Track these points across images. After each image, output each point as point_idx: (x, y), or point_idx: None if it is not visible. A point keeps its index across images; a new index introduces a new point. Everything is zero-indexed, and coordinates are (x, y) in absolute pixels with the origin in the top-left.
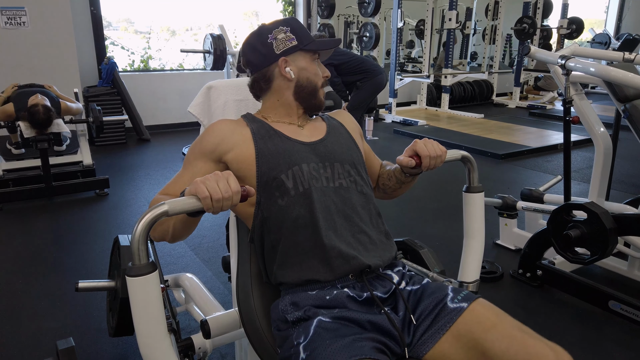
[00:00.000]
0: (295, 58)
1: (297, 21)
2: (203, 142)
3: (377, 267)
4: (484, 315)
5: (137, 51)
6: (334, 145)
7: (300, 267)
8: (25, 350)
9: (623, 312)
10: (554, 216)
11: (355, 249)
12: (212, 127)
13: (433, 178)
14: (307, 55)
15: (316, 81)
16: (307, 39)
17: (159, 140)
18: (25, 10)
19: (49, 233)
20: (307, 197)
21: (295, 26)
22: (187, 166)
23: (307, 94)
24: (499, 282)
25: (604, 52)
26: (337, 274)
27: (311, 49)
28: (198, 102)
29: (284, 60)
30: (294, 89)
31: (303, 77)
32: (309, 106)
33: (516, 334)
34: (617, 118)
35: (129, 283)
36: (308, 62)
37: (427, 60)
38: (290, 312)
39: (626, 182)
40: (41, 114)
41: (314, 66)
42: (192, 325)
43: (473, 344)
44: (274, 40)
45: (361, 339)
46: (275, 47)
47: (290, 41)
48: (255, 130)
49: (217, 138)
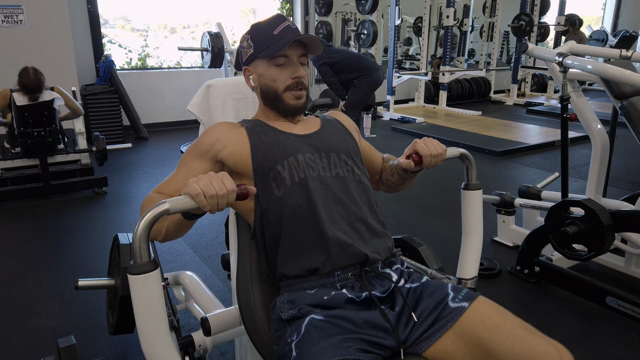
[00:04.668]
0: (256, 65)
1: (263, 25)
2: (199, 143)
3: (375, 259)
4: (486, 315)
5: (135, 49)
6: (329, 136)
7: (300, 257)
8: (26, 348)
9: (620, 308)
10: (551, 213)
11: (352, 237)
12: (209, 129)
13: (431, 175)
14: (264, 61)
15: (275, 86)
16: (265, 43)
17: (157, 139)
18: (22, 8)
19: (48, 232)
20: (303, 187)
21: (255, 33)
22: (182, 166)
23: (272, 99)
24: (497, 278)
25: (601, 50)
26: (335, 262)
27: (264, 55)
28: (197, 101)
29: (246, 70)
30: (262, 97)
31: (263, 84)
32: (279, 110)
33: (520, 333)
34: (614, 115)
35: (131, 281)
36: (265, 68)
37: (424, 57)
38: (286, 311)
39: (623, 179)
40: (31, 74)
41: (272, 71)
42: (191, 323)
43: (476, 343)
44: (242, 50)
45: (349, 339)
46: (242, 57)
47: (249, 49)
48: (250, 128)
49: (212, 138)
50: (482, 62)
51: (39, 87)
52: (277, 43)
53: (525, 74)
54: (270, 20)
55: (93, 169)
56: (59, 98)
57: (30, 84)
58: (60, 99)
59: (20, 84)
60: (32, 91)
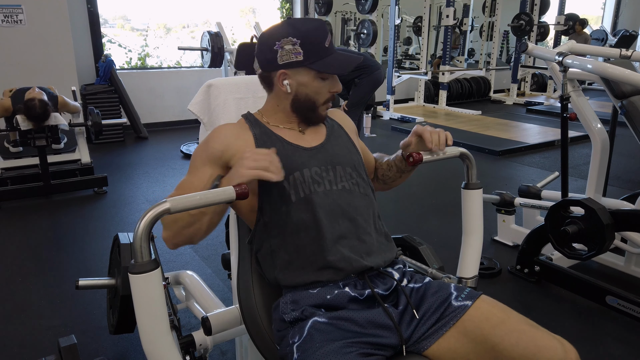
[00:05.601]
0: (297, 72)
1: (314, 33)
2: (209, 148)
3: (379, 266)
4: (490, 312)
5: (135, 49)
6: (335, 148)
7: (303, 272)
8: (27, 348)
9: (620, 307)
10: (551, 212)
11: (358, 251)
12: (217, 132)
13: (432, 175)
14: (311, 72)
15: (316, 98)
16: (317, 55)
17: (157, 138)
18: (22, 8)
19: (48, 231)
20: (308, 203)
21: (306, 40)
22: (195, 172)
23: (305, 109)
24: (497, 278)
25: (601, 49)
26: (339, 275)
27: (316, 68)
28: (198, 100)
29: (283, 73)
30: (292, 101)
31: (302, 93)
32: (306, 119)
33: (525, 328)
34: (614, 114)
35: (132, 280)
36: (311, 79)
37: (424, 57)
38: (289, 312)
39: (623, 178)
40: (37, 107)
41: (317, 83)
42: (192, 323)
43: (481, 339)
44: (280, 49)
45: (351, 343)
46: (279, 56)
47: (296, 55)
48: (257, 136)
49: (222, 145)
50: (482, 62)
51: (44, 118)
52: (331, 59)
53: (525, 73)
54: (315, 26)
55: (93, 168)
56: (64, 125)
57: (36, 115)
58: (64, 124)
59: (27, 114)
60: (37, 121)
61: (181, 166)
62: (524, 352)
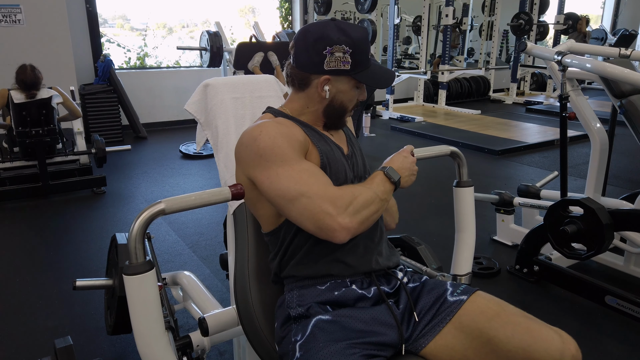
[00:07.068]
0: (339, 79)
1: (364, 43)
2: (291, 144)
3: (388, 268)
4: (485, 305)
5: (133, 48)
6: (358, 157)
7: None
8: (23, 349)
9: (619, 307)
10: (550, 212)
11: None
12: (281, 127)
13: (430, 175)
14: (351, 81)
15: (348, 106)
16: (361, 66)
17: (156, 138)
18: (20, 7)
19: (46, 232)
20: None
21: (357, 50)
22: (304, 167)
23: (336, 115)
24: (496, 277)
25: (600, 48)
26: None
27: (361, 80)
28: (195, 100)
29: (326, 79)
30: (325, 107)
31: (337, 100)
32: (332, 124)
33: (520, 320)
34: (613, 114)
35: (126, 281)
36: (349, 88)
37: (424, 56)
38: (294, 307)
39: (622, 178)
40: (28, 69)
41: (353, 92)
42: (190, 323)
43: (477, 334)
44: (329, 55)
45: (355, 344)
46: (327, 62)
47: (345, 64)
48: (306, 131)
49: (300, 135)
50: (482, 61)
51: (36, 83)
52: (373, 71)
53: (525, 72)
54: (365, 36)
55: (92, 168)
56: (57, 96)
57: (27, 80)
58: (58, 96)
59: (18, 81)
60: (29, 87)
61: (180, 166)
62: (519, 344)
